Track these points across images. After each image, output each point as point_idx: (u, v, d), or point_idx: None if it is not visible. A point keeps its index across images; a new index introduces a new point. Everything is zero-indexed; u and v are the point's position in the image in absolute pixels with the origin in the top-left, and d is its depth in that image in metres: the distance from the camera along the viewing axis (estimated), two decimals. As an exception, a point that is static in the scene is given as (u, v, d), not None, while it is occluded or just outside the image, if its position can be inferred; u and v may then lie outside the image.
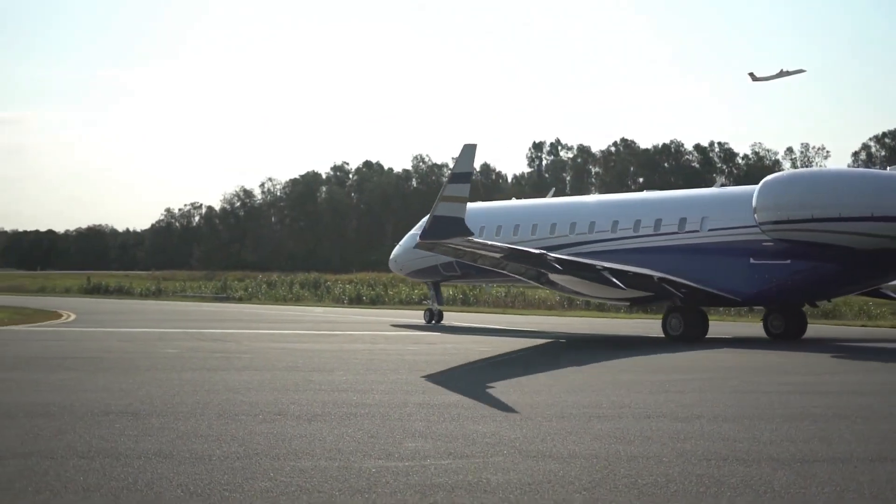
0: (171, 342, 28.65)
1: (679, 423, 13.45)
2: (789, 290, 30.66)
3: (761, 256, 30.21)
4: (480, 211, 38.45)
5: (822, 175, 31.64)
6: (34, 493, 9.30)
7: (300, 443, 11.80)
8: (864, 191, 28.17)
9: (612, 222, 34.10)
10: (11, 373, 19.69)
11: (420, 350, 26.33)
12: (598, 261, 31.48)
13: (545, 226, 35.86)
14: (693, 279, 30.86)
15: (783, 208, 28.85)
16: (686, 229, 32.04)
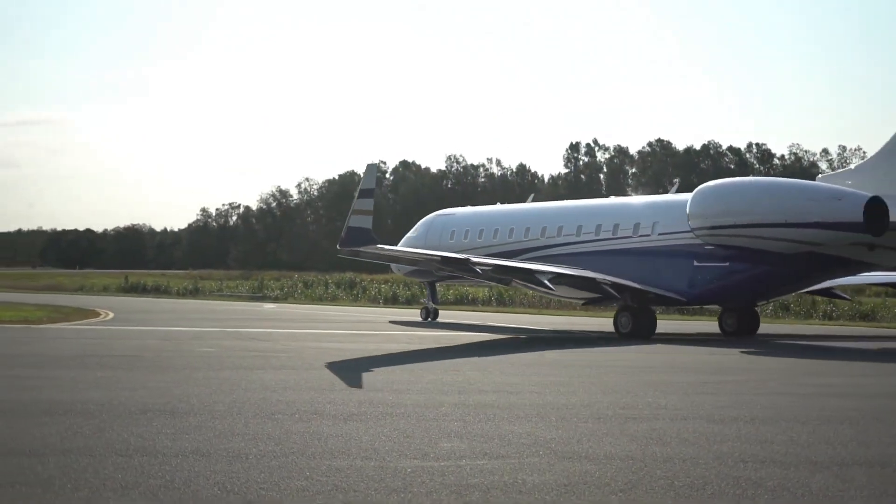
0: (208, 341, 28.80)
1: (715, 425, 13.38)
2: (729, 290, 32.62)
3: (704, 259, 32.09)
4: (456, 216, 42.66)
5: (744, 184, 33.87)
6: (73, 490, 9.38)
7: (336, 442, 11.84)
8: (780, 199, 29.84)
9: (577, 227, 36.26)
10: (51, 371, 19.87)
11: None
12: (560, 263, 34.67)
13: (520, 230, 38.21)
14: (641, 281, 32.83)
15: (710, 216, 30.76)
16: (639, 234, 34.24)
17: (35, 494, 9.22)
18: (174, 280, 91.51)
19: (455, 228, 41.31)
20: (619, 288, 32.89)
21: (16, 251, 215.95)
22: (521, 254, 37.01)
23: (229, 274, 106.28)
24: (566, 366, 22.03)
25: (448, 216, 43.33)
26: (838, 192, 29.19)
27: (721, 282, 32.25)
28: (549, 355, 25.25)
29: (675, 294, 32.97)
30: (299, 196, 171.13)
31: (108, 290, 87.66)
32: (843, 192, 29.18)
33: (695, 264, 32.37)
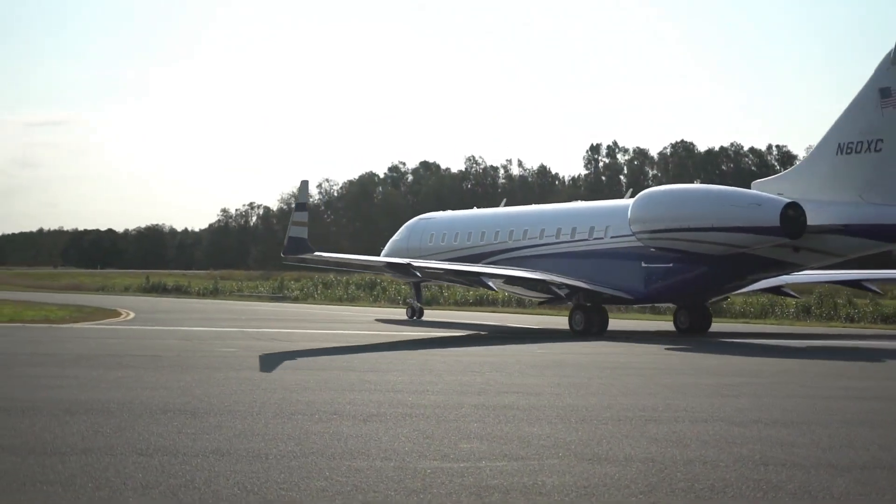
0: (229, 341, 28.89)
1: (736, 428, 13.33)
2: (674, 290, 34.94)
3: (650, 261, 34.25)
4: (435, 221, 45.44)
5: (678, 191, 35.28)
6: (94, 489, 9.43)
7: (356, 443, 11.85)
8: (707, 205, 32.02)
9: (540, 230, 38.73)
10: (72, 370, 19.97)
11: (473, 351, 26.33)
12: (523, 264, 37.51)
13: (490, 233, 40.88)
14: (593, 281, 35.31)
15: (647, 220, 32.87)
16: (594, 237, 36.59)
17: (57, 493, 9.27)
18: (195, 280, 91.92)
19: (434, 232, 44.07)
20: (569, 288, 35.38)
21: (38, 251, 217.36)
22: (490, 256, 39.90)
23: (249, 274, 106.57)
24: (586, 367, 22.00)
25: (428, 220, 45.99)
26: (759, 199, 31.40)
27: (666, 282, 34.37)
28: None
29: (624, 293, 35.12)
30: (319, 197, 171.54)
31: (130, 290, 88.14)
32: (764, 198, 31.34)
33: (642, 265, 34.51)
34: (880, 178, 29.71)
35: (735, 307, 50.52)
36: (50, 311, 44.55)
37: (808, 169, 32.46)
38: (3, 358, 22.66)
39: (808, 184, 31.50)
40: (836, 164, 30.76)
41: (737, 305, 50.86)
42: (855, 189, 30.25)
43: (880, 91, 29.50)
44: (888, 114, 29.25)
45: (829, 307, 48.32)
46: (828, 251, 31.81)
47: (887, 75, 29.34)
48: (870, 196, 30.02)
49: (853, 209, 30.20)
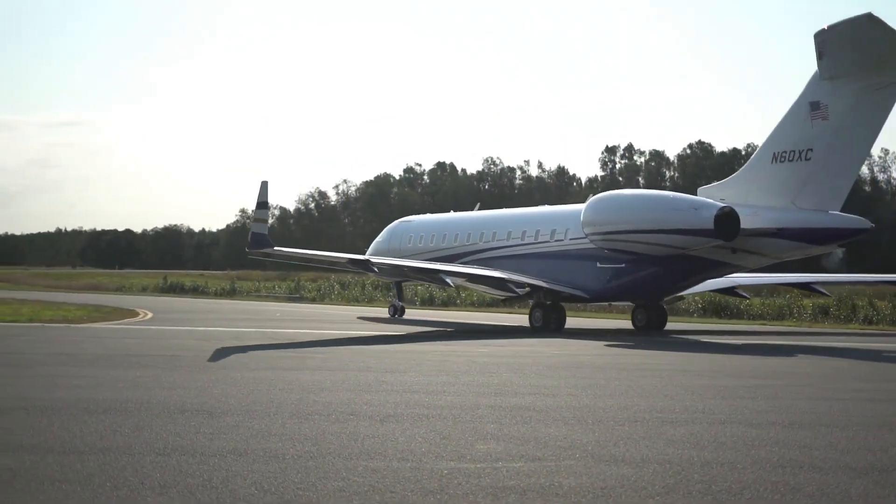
0: (246, 341, 28.94)
1: (753, 430, 13.28)
2: (626, 289, 37.22)
3: (605, 262, 36.61)
4: (414, 223, 48.48)
5: (625, 196, 37.28)
6: (112, 488, 9.46)
7: (373, 443, 11.87)
8: (651, 209, 34.33)
9: (507, 232, 41.37)
10: (90, 369, 20.05)
11: (489, 352, 26.32)
12: (491, 265, 40.10)
13: (464, 235, 43.57)
14: (552, 280, 37.72)
15: (598, 223, 35.25)
16: (555, 239, 39.02)
17: (75, 492, 9.30)
18: (212, 280, 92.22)
19: (413, 234, 47.01)
20: (529, 287, 38.08)
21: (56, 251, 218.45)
22: (463, 256, 42.70)
23: (266, 275, 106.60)
24: (602, 368, 21.97)
25: (408, 223, 49.18)
26: (697, 203, 33.74)
27: (618, 281, 36.71)
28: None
29: (581, 292, 37.60)
30: (337, 198, 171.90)
31: (147, 290, 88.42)
32: (701, 202, 33.71)
33: (598, 266, 36.89)
34: (811, 185, 31.86)
35: (754, 309, 50.58)
36: (68, 311, 44.74)
37: (747, 176, 34.37)
38: (22, 358, 22.77)
39: (747, 190, 33.70)
40: (771, 171, 32.94)
41: (755, 307, 50.92)
42: (788, 195, 32.40)
43: (810, 104, 31.73)
44: (817, 125, 31.43)
45: (847, 309, 48.20)
46: (763, 253, 33.86)
47: (816, 90, 31.54)
48: (801, 202, 32.18)
49: (786, 214, 32.36)
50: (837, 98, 31.01)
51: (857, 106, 30.78)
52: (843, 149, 31.29)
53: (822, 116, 31.28)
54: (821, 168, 31.59)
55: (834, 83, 30.93)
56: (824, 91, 31.26)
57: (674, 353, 27.03)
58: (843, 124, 31.09)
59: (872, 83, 30.28)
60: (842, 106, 30.99)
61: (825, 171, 31.62)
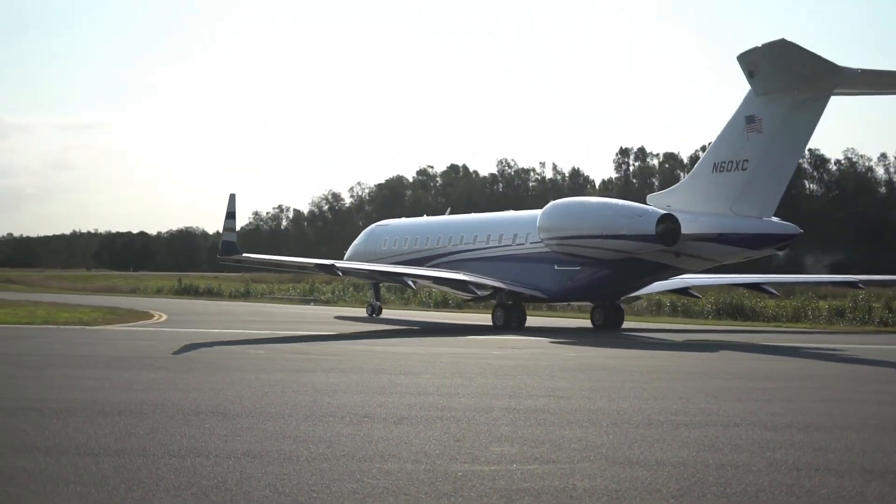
0: (260, 343, 28.97)
1: (768, 432, 13.24)
2: (581, 290, 39.70)
3: (562, 264, 38.83)
4: (390, 227, 51.30)
5: (577, 203, 40.27)
6: (127, 490, 9.49)
7: (386, 445, 11.87)
8: (599, 216, 36.99)
9: (474, 236, 43.77)
10: (105, 371, 20.10)
11: (504, 354, 26.30)
12: (459, 267, 42.33)
13: (434, 239, 45.91)
14: (513, 281, 39.97)
15: (552, 229, 37.94)
16: (517, 242, 41.25)
17: (90, 494, 9.33)
18: (226, 283, 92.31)
19: (388, 237, 49.48)
20: (491, 288, 40.30)
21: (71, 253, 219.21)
22: (434, 259, 45.01)
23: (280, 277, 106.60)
24: (617, 371, 21.94)
25: (384, 227, 51.95)
26: (641, 211, 36.34)
27: (574, 283, 39.04)
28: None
29: (540, 293, 39.82)
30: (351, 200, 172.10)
31: (162, 293, 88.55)
32: (645, 210, 36.28)
33: (555, 268, 39.15)
34: (747, 193, 34.11)
35: (768, 311, 50.52)
36: (83, 312, 44.85)
37: (690, 185, 36.79)
38: (37, 359, 22.84)
39: (690, 198, 36.02)
40: (711, 180, 35.24)
41: (770, 309, 50.86)
42: (727, 202, 34.68)
43: (746, 118, 34.04)
44: (752, 138, 33.74)
45: (863, 311, 48.07)
46: (705, 257, 36.16)
47: (751, 105, 33.85)
48: (739, 209, 34.47)
49: (725, 220, 34.73)
50: (770, 112, 33.26)
51: (787, 119, 33.04)
52: (775, 159, 33.62)
53: (757, 129, 33.61)
54: (756, 177, 33.91)
55: (767, 98, 33.22)
56: (758, 106, 33.52)
57: (689, 356, 26.95)
58: (775, 136, 33.31)
59: (800, 99, 32.64)
60: (774, 119, 33.22)
61: (760, 180, 33.95)
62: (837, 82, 32.23)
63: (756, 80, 33.08)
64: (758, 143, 33.60)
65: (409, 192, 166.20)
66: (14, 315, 41.27)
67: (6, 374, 19.54)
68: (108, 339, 30.30)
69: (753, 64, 32.68)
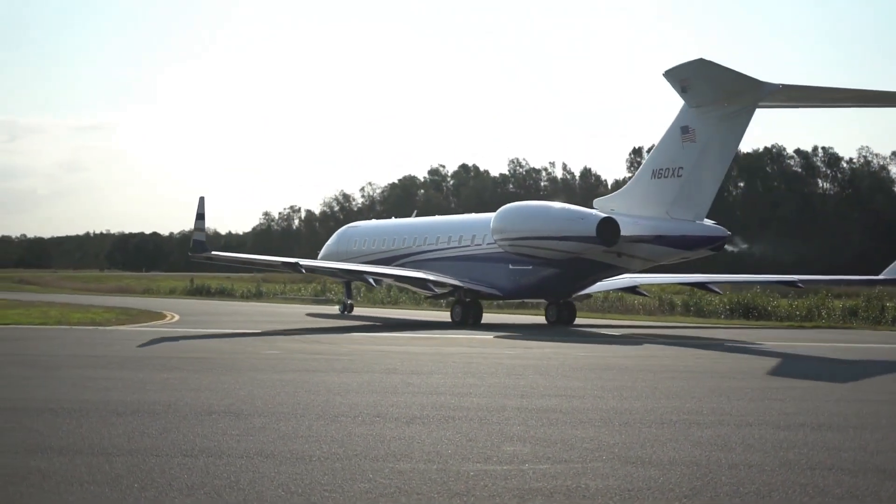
0: (272, 343, 29.04)
1: (781, 432, 13.21)
2: (533, 288, 42.34)
3: (515, 264, 41.31)
4: (360, 228, 55.03)
5: (527, 206, 42.19)
6: (140, 489, 9.51)
7: (399, 445, 11.88)
8: (546, 219, 39.58)
9: (437, 237, 46.37)
10: (118, 372, 20.15)
11: (517, 354, 26.30)
12: (423, 267, 44.89)
13: (400, 240, 48.80)
14: (470, 280, 42.47)
15: (504, 231, 40.36)
16: (474, 243, 43.90)
17: (103, 493, 9.36)
18: (238, 283, 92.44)
19: (358, 238, 52.68)
20: (449, 286, 42.62)
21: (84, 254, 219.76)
22: (400, 258, 47.66)
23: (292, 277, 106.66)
24: (629, 370, 21.91)
25: (355, 228, 55.69)
26: (584, 214, 38.89)
27: (527, 281, 41.58)
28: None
29: (495, 290, 42.39)
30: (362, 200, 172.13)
31: (175, 293, 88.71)
32: (587, 213, 38.87)
33: (510, 267, 41.64)
34: (682, 198, 36.68)
35: (781, 310, 50.53)
36: (96, 313, 44.97)
37: (632, 189, 39.30)
38: (50, 360, 22.91)
39: (632, 202, 38.65)
40: (650, 186, 37.82)
41: (783, 308, 50.89)
42: (664, 206, 37.22)
43: (681, 129, 36.60)
44: (686, 147, 36.33)
45: (875, 310, 48.01)
46: (644, 257, 38.64)
47: (685, 116, 36.45)
48: (674, 213, 37.04)
49: (662, 223, 37.26)
50: (702, 123, 35.88)
51: (717, 130, 35.66)
52: (707, 166, 36.24)
53: (691, 139, 36.24)
54: (690, 183, 36.50)
55: (699, 111, 35.82)
56: (692, 118, 36.16)
57: (701, 354, 26.91)
58: (707, 146, 35.93)
59: (727, 111, 35.16)
60: (706, 130, 35.86)
61: (694, 186, 36.53)
62: (761, 96, 34.57)
63: (689, 94, 35.64)
64: (692, 152, 36.18)
65: (420, 192, 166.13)
66: (27, 316, 41.42)
67: (20, 375, 19.60)
68: (121, 339, 30.37)
69: (685, 80, 35.14)
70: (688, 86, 35.31)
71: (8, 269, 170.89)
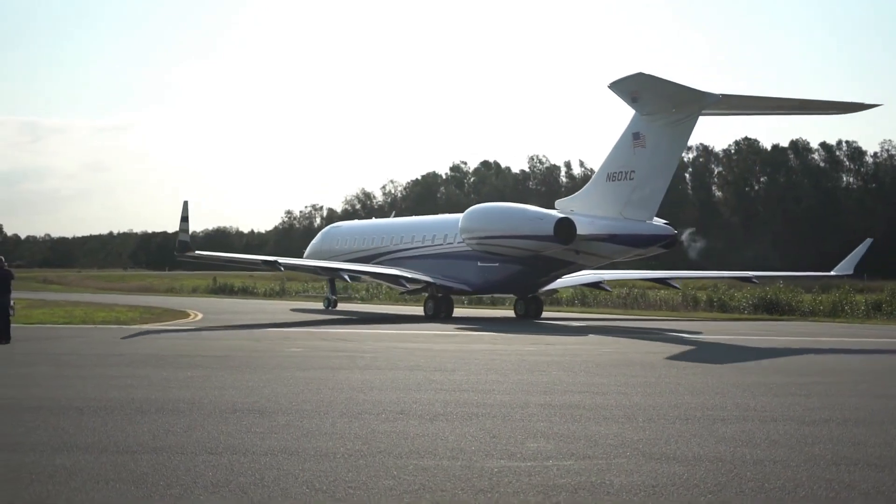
0: (296, 341, 29.10)
1: (806, 427, 13.16)
2: (500, 283, 45.11)
3: (484, 261, 44.08)
4: (342, 229, 58.97)
5: (491, 207, 44.95)
6: (165, 487, 9.56)
7: (422, 442, 11.89)
8: (509, 219, 42.39)
9: (412, 236, 49.46)
10: (142, 370, 20.24)
11: (540, 350, 26.27)
12: (399, 264, 47.73)
13: (378, 239, 51.90)
14: (442, 276, 45.23)
15: (470, 230, 43.35)
16: (447, 242, 46.69)
17: (129, 491, 9.40)
18: (261, 281, 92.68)
19: (340, 238, 55.89)
20: (422, 282, 45.33)
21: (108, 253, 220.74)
22: (379, 256, 50.58)
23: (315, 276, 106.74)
24: (653, 366, 21.86)
25: (337, 228, 59.69)
26: (543, 214, 41.61)
27: (494, 277, 44.39)
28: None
29: (465, 286, 45.39)
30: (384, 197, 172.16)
31: (197, 292, 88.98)
32: (546, 214, 41.62)
33: (478, 265, 44.43)
34: (634, 200, 39.13)
35: (805, 306, 50.44)
36: (120, 312, 45.17)
37: (590, 191, 41.83)
38: (75, 359, 23.03)
39: (589, 203, 41.20)
40: (606, 188, 40.35)
41: (807, 304, 50.79)
42: (618, 207, 39.70)
43: (633, 135, 39.04)
44: (637, 152, 38.82)
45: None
46: (600, 255, 41.13)
47: (637, 124, 38.84)
48: (627, 213, 39.50)
49: (615, 223, 39.74)
50: (651, 130, 38.33)
51: (665, 136, 38.07)
52: (656, 170, 38.66)
53: (642, 145, 38.67)
54: (641, 186, 38.91)
55: (648, 118, 38.26)
56: (642, 125, 38.61)
57: (726, 351, 26.82)
58: (655, 150, 38.35)
59: (673, 118, 37.58)
60: (655, 136, 38.29)
61: (644, 188, 38.89)
62: (704, 105, 37.12)
63: (639, 103, 38.14)
64: (642, 156, 38.72)
65: (442, 189, 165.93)
66: (52, 315, 41.65)
67: (45, 374, 19.72)
68: (145, 338, 30.48)
69: (635, 91, 37.62)
70: (638, 96, 37.83)
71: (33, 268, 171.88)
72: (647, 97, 37.53)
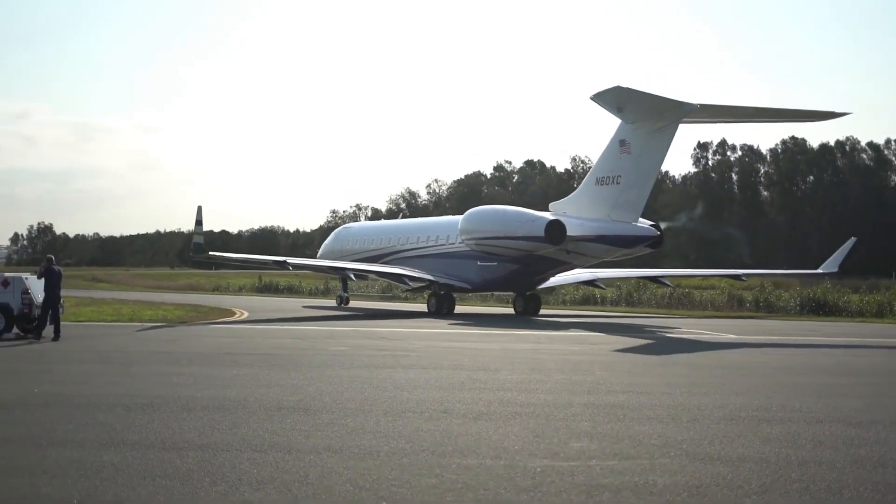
0: (341, 339, 29.21)
1: (853, 429, 13.04)
2: (498, 281, 47.69)
3: (483, 260, 46.55)
4: (353, 229, 61.95)
5: (489, 210, 47.63)
6: (211, 483, 9.65)
7: (466, 441, 11.91)
8: (504, 221, 44.85)
9: (417, 237, 52.07)
10: (189, 368, 20.42)
11: (583, 350, 26.21)
12: (404, 264, 50.38)
13: (386, 239, 54.44)
14: (443, 275, 47.83)
15: (469, 231, 45.98)
16: (449, 242, 49.16)
17: (175, 487, 9.50)
18: (306, 280, 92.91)
19: (351, 238, 58.52)
20: (424, 281, 48.15)
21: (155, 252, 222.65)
22: (386, 256, 53.06)
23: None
24: (697, 367, 21.74)
25: (349, 229, 62.84)
26: (535, 216, 44.12)
27: (492, 276, 46.93)
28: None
29: (465, 284, 47.74)
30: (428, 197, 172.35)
31: (243, 290, 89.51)
32: (538, 216, 44.06)
33: (478, 264, 46.87)
34: (621, 203, 41.69)
35: (852, 306, 50.08)
36: (167, 310, 45.52)
37: (581, 195, 44.49)
38: (123, 356, 23.27)
39: (580, 206, 43.80)
40: (595, 192, 43.01)
41: (854, 304, 50.41)
42: (606, 210, 42.28)
43: (619, 142, 41.71)
44: (623, 158, 41.48)
45: None
46: (589, 255, 43.71)
47: (623, 131, 41.52)
48: (615, 215, 42.04)
49: (604, 224, 42.26)
50: (636, 137, 40.85)
51: (649, 142, 40.57)
52: (641, 175, 41.19)
53: (627, 151, 41.20)
54: (627, 189, 41.43)
55: (633, 126, 40.81)
56: (628, 132, 41.19)
57: (772, 352, 26.62)
58: (640, 156, 40.85)
59: (656, 126, 40.11)
60: (639, 143, 40.80)
61: (630, 192, 41.38)
62: (683, 114, 39.68)
63: (624, 113, 40.61)
64: (628, 162, 41.20)
65: (485, 189, 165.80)
66: (100, 313, 42.07)
67: (94, 372, 19.95)
68: (192, 336, 30.73)
69: (620, 102, 39.91)
70: (623, 106, 40.29)
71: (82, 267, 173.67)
72: (632, 108, 40.01)
